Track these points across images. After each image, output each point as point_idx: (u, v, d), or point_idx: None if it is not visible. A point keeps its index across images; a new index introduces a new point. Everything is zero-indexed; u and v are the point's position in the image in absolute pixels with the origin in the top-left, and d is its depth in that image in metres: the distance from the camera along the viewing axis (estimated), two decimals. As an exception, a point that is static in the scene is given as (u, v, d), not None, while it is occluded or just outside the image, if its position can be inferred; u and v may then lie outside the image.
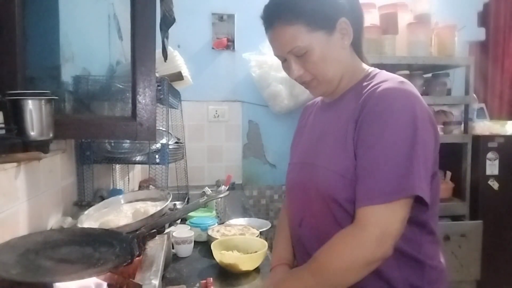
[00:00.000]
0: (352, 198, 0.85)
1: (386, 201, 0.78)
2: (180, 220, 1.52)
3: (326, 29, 0.90)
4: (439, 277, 0.92)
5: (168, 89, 1.58)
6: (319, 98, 1.13)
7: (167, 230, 1.27)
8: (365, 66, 1.00)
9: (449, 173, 2.59)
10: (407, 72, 2.50)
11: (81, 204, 1.43)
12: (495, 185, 2.54)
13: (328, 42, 0.90)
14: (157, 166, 1.66)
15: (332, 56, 0.92)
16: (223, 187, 2.08)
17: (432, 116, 0.87)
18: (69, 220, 1.24)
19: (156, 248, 0.99)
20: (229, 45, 2.86)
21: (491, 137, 2.55)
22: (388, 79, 0.89)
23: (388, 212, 0.78)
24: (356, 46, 0.98)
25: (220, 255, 1.29)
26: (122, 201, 1.37)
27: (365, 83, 0.93)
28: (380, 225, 0.78)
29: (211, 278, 1.13)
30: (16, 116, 0.92)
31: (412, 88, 0.87)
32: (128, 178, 2.16)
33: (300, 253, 1.02)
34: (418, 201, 0.81)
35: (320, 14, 0.89)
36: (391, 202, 0.78)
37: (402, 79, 0.89)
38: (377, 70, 0.97)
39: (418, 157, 0.79)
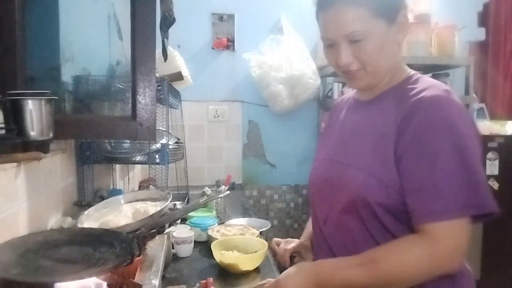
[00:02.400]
0: (383, 203, 0.84)
1: (459, 217, 0.76)
2: (180, 220, 1.52)
3: (388, 19, 0.85)
4: (468, 283, 0.92)
5: (168, 89, 1.58)
6: (349, 95, 1.10)
7: (167, 230, 1.27)
8: (406, 67, 0.96)
9: (449, 173, 2.58)
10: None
11: (81, 204, 1.43)
12: (495, 185, 2.53)
13: (387, 32, 0.86)
14: (157, 166, 1.66)
15: (388, 48, 0.87)
16: (223, 187, 2.08)
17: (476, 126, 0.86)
18: (69, 220, 1.24)
19: (156, 248, 0.99)
20: (229, 45, 2.86)
21: (491, 137, 2.55)
22: (432, 86, 0.85)
23: (460, 227, 0.76)
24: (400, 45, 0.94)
25: (220, 255, 1.29)
26: (122, 201, 1.37)
27: (408, 87, 0.88)
28: (454, 240, 0.76)
29: (211, 278, 1.13)
30: (16, 116, 0.92)
31: (456, 96, 0.85)
32: (128, 178, 2.16)
33: (322, 250, 1.00)
34: None
35: (385, 1, 0.85)
36: (462, 218, 0.76)
37: (445, 86, 0.86)
38: (418, 73, 0.94)
39: (479, 170, 0.78)
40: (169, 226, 1.39)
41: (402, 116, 0.83)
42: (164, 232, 1.10)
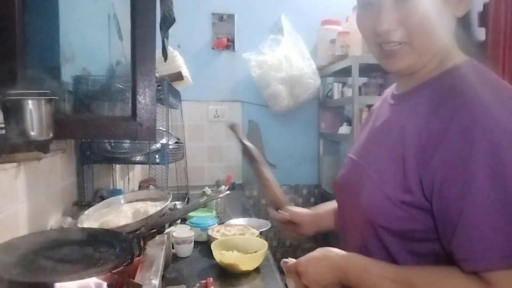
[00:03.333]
0: (390, 227, 0.70)
1: None
2: (180, 220, 1.52)
3: None
4: None
5: (168, 89, 1.58)
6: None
7: (167, 230, 1.27)
8: (458, 52, 0.73)
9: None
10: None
11: (81, 204, 1.43)
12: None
13: None
14: (157, 166, 1.66)
15: (444, 20, 0.68)
16: (223, 187, 2.08)
17: None
18: (69, 220, 1.24)
19: (156, 248, 0.99)
20: (229, 45, 2.86)
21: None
22: (480, 84, 0.65)
23: None
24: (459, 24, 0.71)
25: (220, 255, 1.29)
26: (122, 201, 1.37)
27: (446, 81, 0.69)
28: None
29: (211, 278, 1.13)
30: (16, 116, 0.92)
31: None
32: (128, 178, 2.16)
33: None
34: None
35: None
36: None
37: (503, 83, 0.66)
38: (471, 63, 0.71)
39: None
40: (169, 226, 1.39)
41: (431, 129, 0.65)
42: (164, 232, 1.10)
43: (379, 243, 0.73)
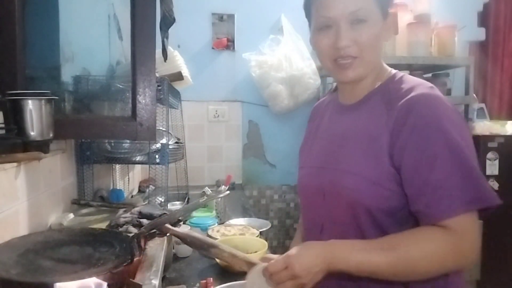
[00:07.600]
0: (384, 208, 0.83)
1: (473, 209, 0.78)
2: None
3: (383, 12, 0.88)
4: (460, 280, 0.90)
5: (168, 89, 1.58)
6: (328, 99, 1.09)
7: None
8: (387, 67, 0.96)
9: (449, 173, 2.58)
10: (407, 72, 2.49)
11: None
12: (495, 185, 2.54)
13: (385, 24, 0.89)
14: (157, 166, 1.66)
15: (381, 40, 0.90)
16: (223, 187, 2.08)
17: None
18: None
19: (156, 248, 0.99)
20: (229, 45, 2.86)
21: (491, 137, 2.55)
22: (418, 85, 0.86)
23: (475, 221, 0.78)
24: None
25: (220, 255, 1.29)
26: None
27: (394, 86, 0.89)
28: (474, 234, 0.78)
29: (211, 278, 1.14)
30: (16, 116, 0.92)
31: (440, 92, 0.86)
32: (128, 178, 2.16)
33: None
34: None
35: None
36: (474, 210, 0.78)
37: (429, 84, 0.87)
38: (399, 72, 0.95)
39: (474, 165, 0.79)
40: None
41: (395, 120, 0.83)
42: (167, 234, 1.10)
43: (375, 226, 0.84)
